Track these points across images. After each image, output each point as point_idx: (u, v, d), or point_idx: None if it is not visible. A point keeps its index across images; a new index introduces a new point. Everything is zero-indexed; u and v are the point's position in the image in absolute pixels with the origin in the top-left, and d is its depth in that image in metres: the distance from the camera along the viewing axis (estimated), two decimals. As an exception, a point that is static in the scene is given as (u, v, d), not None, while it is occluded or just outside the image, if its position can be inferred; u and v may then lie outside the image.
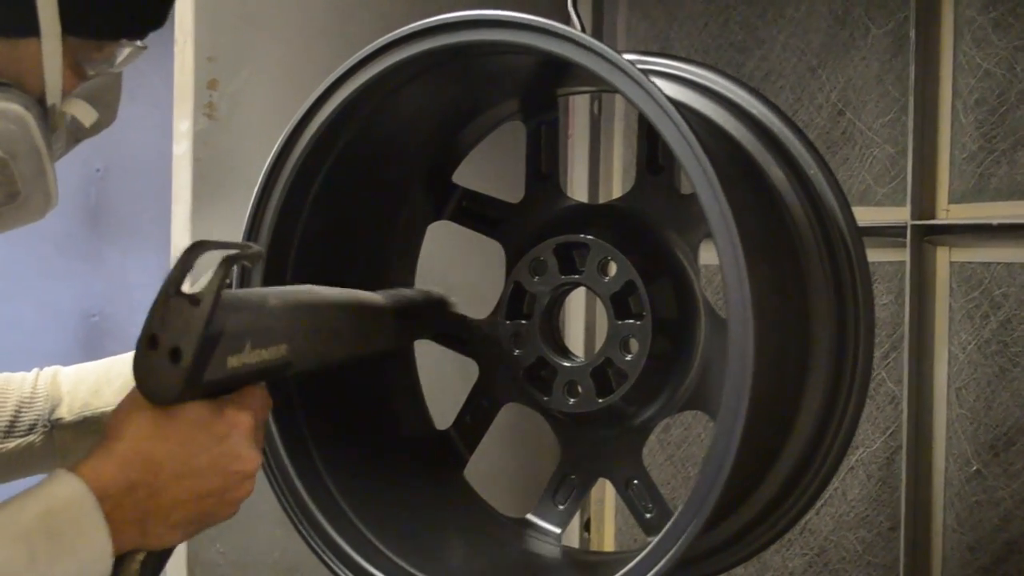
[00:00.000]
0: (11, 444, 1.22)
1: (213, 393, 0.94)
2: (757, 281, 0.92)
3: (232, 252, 0.90)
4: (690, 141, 0.93)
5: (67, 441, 1.25)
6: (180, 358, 0.89)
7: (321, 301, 1.04)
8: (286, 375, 1.00)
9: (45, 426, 1.24)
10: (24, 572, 0.85)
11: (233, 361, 0.92)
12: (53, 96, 1.04)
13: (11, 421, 1.23)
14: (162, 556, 0.96)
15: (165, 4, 1.10)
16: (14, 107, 0.99)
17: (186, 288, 0.89)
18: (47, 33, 0.99)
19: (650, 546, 0.96)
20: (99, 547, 0.89)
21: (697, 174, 0.93)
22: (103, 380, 1.26)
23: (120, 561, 0.92)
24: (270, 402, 1.01)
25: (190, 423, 0.92)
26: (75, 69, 1.05)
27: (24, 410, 1.24)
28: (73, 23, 1.01)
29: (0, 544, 0.85)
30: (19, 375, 1.26)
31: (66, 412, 1.24)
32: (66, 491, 0.89)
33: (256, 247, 0.99)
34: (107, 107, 1.11)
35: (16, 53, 1.00)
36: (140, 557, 0.94)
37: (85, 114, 1.07)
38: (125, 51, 1.09)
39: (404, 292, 1.16)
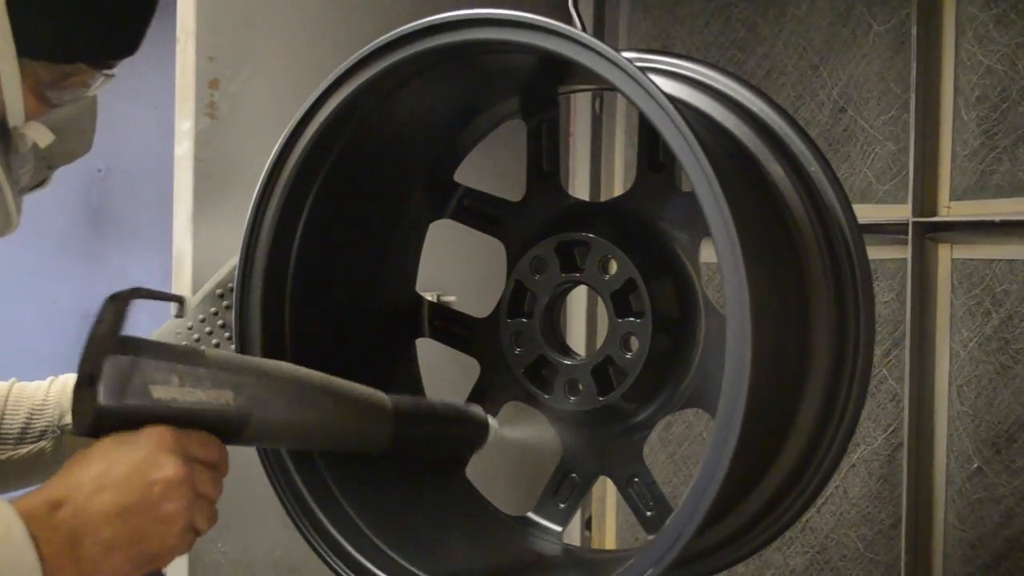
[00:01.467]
0: (23, 451, 1.24)
1: (141, 424, 0.94)
2: (755, 279, 0.91)
3: (141, 291, 0.94)
4: (688, 138, 0.93)
5: (76, 447, 1.25)
6: (95, 382, 0.91)
7: (289, 371, 1.01)
8: (248, 433, 0.98)
9: (55, 432, 1.24)
10: None
11: (159, 392, 0.92)
12: (14, 118, 1.03)
13: (23, 428, 1.24)
14: None
15: (128, 31, 1.08)
16: None
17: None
18: (0, 54, 0.99)
19: (648, 545, 0.96)
20: (26, 568, 0.87)
21: (695, 171, 0.93)
22: None
23: None
24: (217, 445, 0.97)
25: (110, 441, 0.92)
26: (38, 94, 1.05)
27: (35, 417, 1.25)
28: (27, 45, 1.00)
29: None
30: (34, 384, 1.28)
31: None
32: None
33: (176, 295, 1.03)
34: (81, 134, 1.11)
35: None
36: None
37: (42, 136, 1.06)
38: (98, 79, 1.09)
39: (423, 400, 1.12)
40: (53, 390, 1.27)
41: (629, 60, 0.98)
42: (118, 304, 0.92)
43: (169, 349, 0.95)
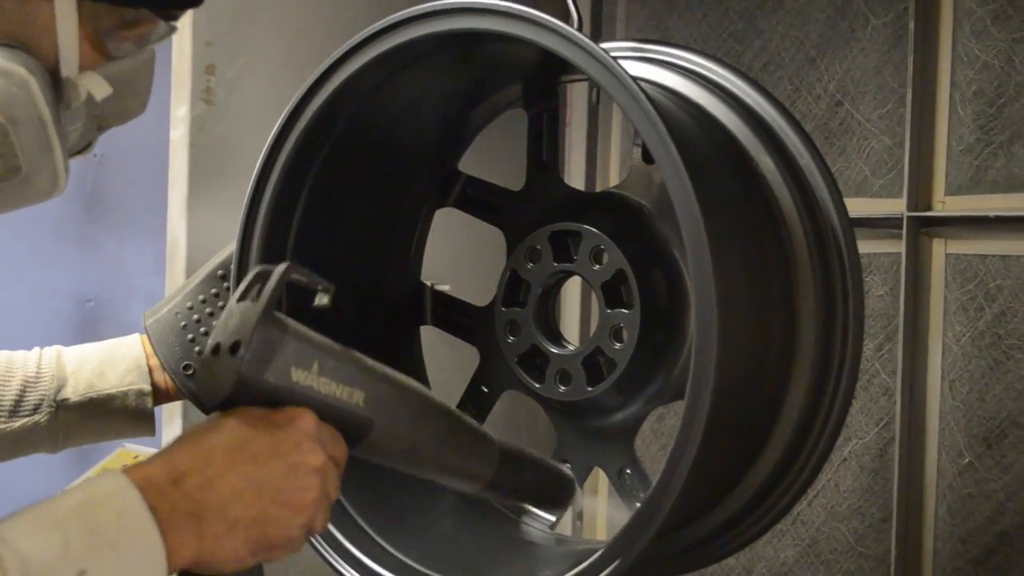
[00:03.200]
0: (16, 424, 1.22)
1: (275, 407, 0.88)
2: (725, 270, 0.91)
3: (295, 274, 0.89)
4: (652, 119, 0.92)
5: (71, 422, 1.25)
6: (238, 349, 0.85)
7: (414, 385, 0.97)
8: (366, 438, 0.93)
9: (51, 406, 1.23)
10: (57, 562, 0.77)
11: (298, 375, 0.87)
12: (68, 68, 0.95)
13: (16, 400, 1.22)
14: None
15: None
16: (17, 69, 0.91)
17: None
18: None
19: (613, 538, 0.97)
20: (147, 540, 0.81)
21: (662, 154, 0.93)
22: (107, 362, 1.26)
23: None
24: (344, 447, 0.91)
25: (248, 416, 0.86)
26: (95, 43, 0.97)
27: (29, 389, 1.23)
28: None
29: (31, 533, 0.78)
30: (20, 354, 1.26)
31: (71, 393, 1.24)
32: (108, 484, 0.82)
33: (327, 284, 0.92)
34: (136, 94, 1.03)
35: (26, 13, 0.92)
36: None
37: (98, 88, 0.97)
38: (160, 30, 1.01)
39: (527, 450, 1.07)
40: (46, 362, 1.25)
41: (585, 37, 0.98)
42: (273, 279, 0.87)
43: (312, 335, 0.89)
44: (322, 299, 0.91)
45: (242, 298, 0.88)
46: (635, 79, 0.95)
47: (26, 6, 0.92)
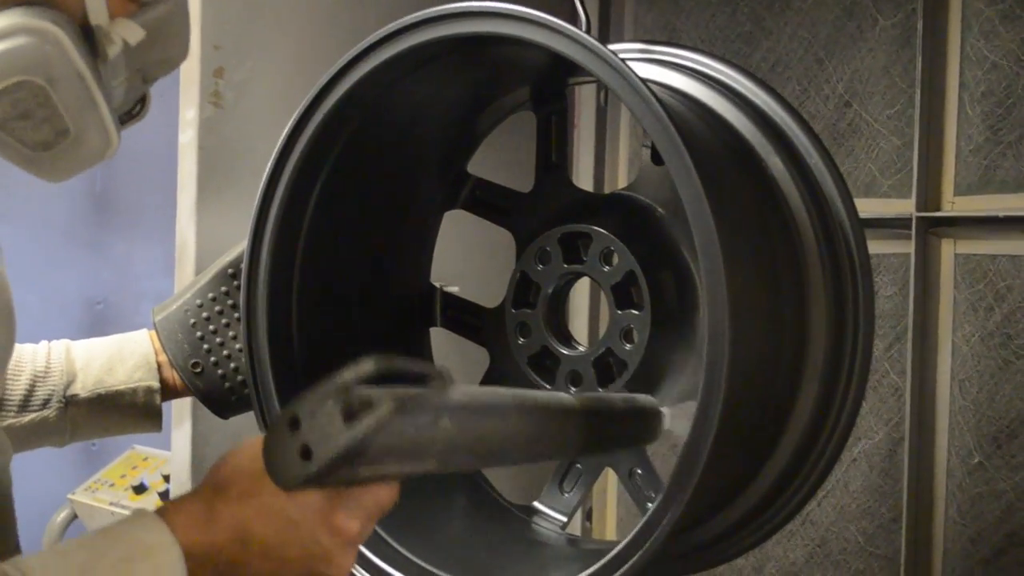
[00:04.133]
0: (26, 419, 1.22)
1: (336, 485, 0.86)
2: (737, 271, 0.91)
3: (410, 392, 0.81)
4: (659, 116, 0.92)
5: (80, 417, 1.25)
6: (311, 458, 0.80)
7: (498, 420, 0.91)
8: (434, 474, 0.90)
9: (60, 402, 1.23)
10: None
11: (366, 472, 0.83)
12: (97, 16, 0.91)
13: (25, 395, 1.23)
14: None
15: None
16: (45, 25, 0.87)
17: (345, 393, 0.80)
18: None
19: (630, 535, 0.97)
20: None
21: (670, 152, 0.93)
22: (116, 358, 1.27)
23: None
24: (395, 497, 0.91)
25: (298, 511, 0.86)
26: None
27: (39, 384, 1.23)
28: None
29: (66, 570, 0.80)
30: (28, 347, 1.25)
31: (80, 388, 1.24)
32: (151, 538, 0.84)
33: (446, 376, 0.84)
34: (174, 38, 0.99)
35: None
36: None
37: (132, 33, 0.93)
38: None
39: (604, 397, 1.04)
40: (55, 356, 1.25)
41: (596, 40, 0.98)
42: (375, 413, 0.79)
43: (402, 423, 0.81)
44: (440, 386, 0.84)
45: (340, 395, 0.80)
46: (646, 82, 0.95)
47: None
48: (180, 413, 1.52)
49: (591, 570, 0.98)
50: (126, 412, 1.26)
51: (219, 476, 0.88)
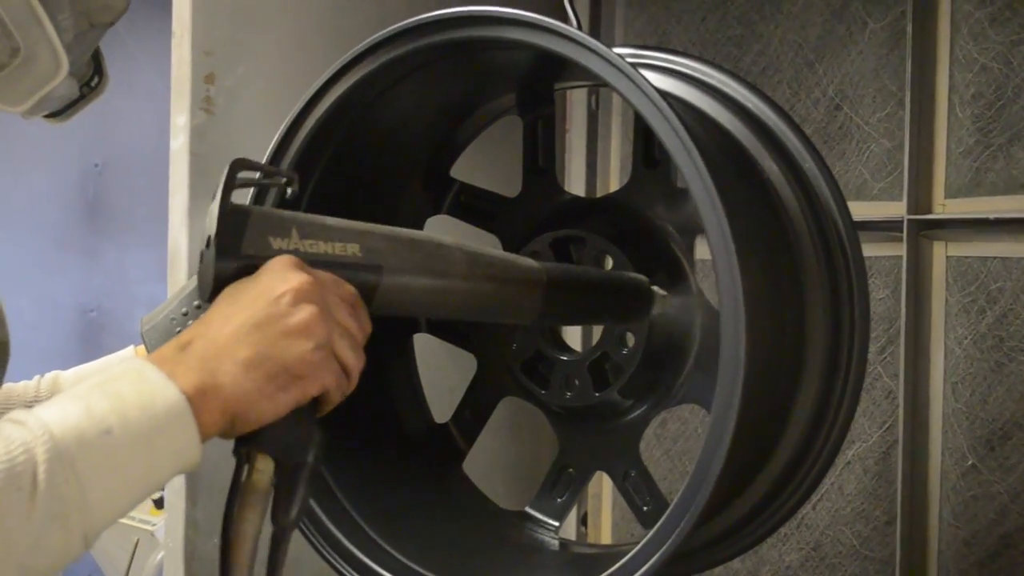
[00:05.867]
0: None
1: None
2: (749, 276, 0.92)
3: (245, 168, 0.93)
4: (681, 135, 0.93)
5: None
6: (210, 241, 0.91)
7: (419, 232, 0.99)
8: (383, 290, 0.95)
9: None
10: (80, 423, 0.79)
11: (278, 243, 0.91)
12: None
13: None
14: (295, 464, 0.90)
15: None
16: None
17: None
18: None
19: (646, 538, 0.97)
20: (169, 399, 0.83)
21: (689, 168, 0.93)
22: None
23: (240, 459, 0.89)
24: (347, 285, 0.93)
25: (236, 282, 0.91)
26: None
27: None
28: None
29: (51, 405, 0.81)
30: (20, 385, 1.28)
31: None
32: (122, 366, 0.86)
33: (287, 172, 1.00)
34: None
35: None
36: (264, 465, 0.89)
37: None
38: None
39: (578, 266, 1.05)
40: (44, 386, 1.26)
41: (622, 57, 0.98)
42: (227, 177, 0.92)
43: (283, 211, 0.94)
44: (292, 187, 0.97)
45: (213, 203, 0.92)
46: (663, 93, 0.96)
47: None
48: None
49: (611, 570, 0.98)
50: None
51: None
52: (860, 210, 1.66)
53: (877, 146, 1.69)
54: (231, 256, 0.91)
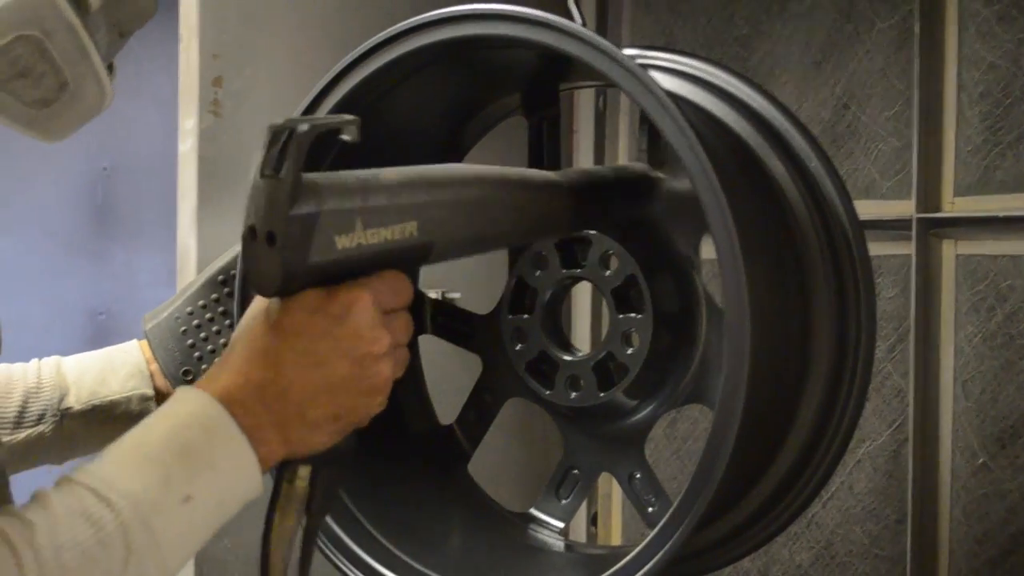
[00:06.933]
0: (21, 435, 1.22)
1: (331, 279, 0.88)
2: (754, 276, 0.92)
3: (318, 123, 0.85)
4: (688, 135, 0.93)
5: (77, 429, 1.25)
6: (275, 239, 0.83)
7: (458, 174, 0.94)
8: (431, 260, 0.93)
9: (55, 415, 1.23)
10: (161, 497, 0.82)
11: (344, 241, 0.85)
12: None
13: (19, 412, 1.22)
14: (331, 466, 0.91)
15: None
16: None
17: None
18: None
19: (647, 539, 0.97)
20: (240, 455, 0.85)
21: (695, 168, 0.93)
22: (107, 369, 1.27)
23: (283, 476, 0.89)
24: (407, 288, 0.93)
25: (303, 310, 0.87)
26: None
27: (31, 400, 1.23)
28: None
29: (130, 471, 0.82)
30: (18, 366, 1.26)
31: (74, 401, 1.24)
32: (189, 405, 0.86)
33: (349, 116, 0.89)
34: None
35: None
36: (304, 472, 0.89)
37: None
38: None
39: (590, 169, 1.05)
40: (46, 372, 1.25)
41: (630, 57, 0.98)
42: (293, 149, 0.83)
43: (346, 184, 0.86)
44: (350, 133, 0.87)
45: (264, 172, 0.84)
46: (670, 93, 0.96)
47: None
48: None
49: (612, 570, 0.98)
50: (121, 422, 1.26)
51: (230, 341, 0.91)
52: (869, 209, 1.66)
53: (885, 145, 1.68)
54: (300, 266, 0.84)
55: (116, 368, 1.27)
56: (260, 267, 0.85)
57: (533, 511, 1.24)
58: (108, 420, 1.26)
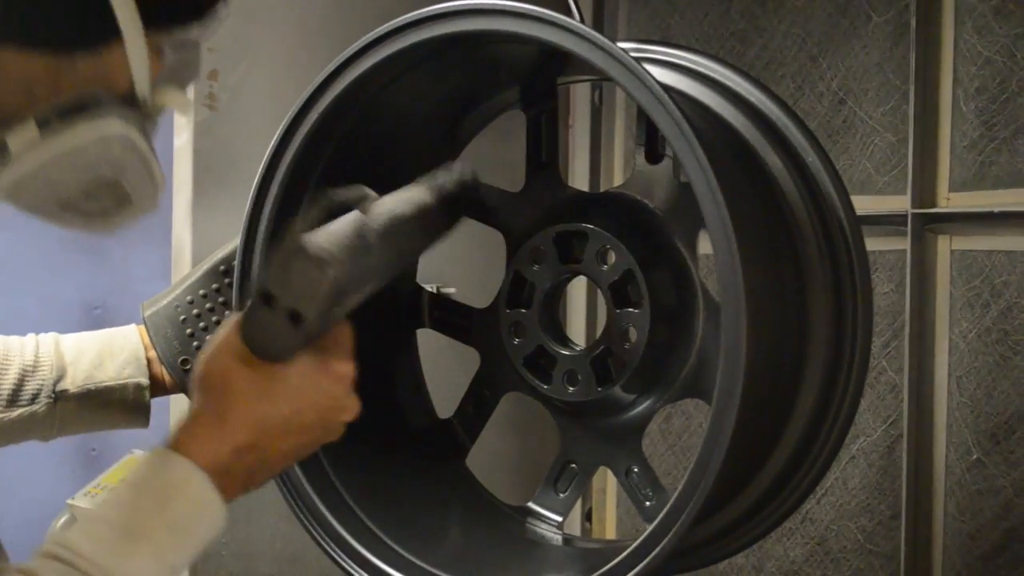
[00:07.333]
0: (14, 413, 1.21)
1: (316, 337, 0.93)
2: (751, 270, 0.92)
3: (348, 224, 0.91)
4: (683, 129, 0.93)
5: (69, 411, 1.24)
6: (300, 321, 0.87)
7: (399, 221, 1.00)
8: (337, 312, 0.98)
9: (49, 396, 1.22)
10: (156, 571, 0.87)
11: (338, 312, 0.92)
12: (142, 89, 0.92)
13: (14, 389, 1.22)
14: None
15: None
16: (115, 127, 0.88)
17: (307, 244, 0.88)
18: (129, 33, 0.87)
19: (646, 533, 0.97)
20: (216, 520, 0.91)
21: (691, 162, 0.93)
22: (106, 353, 1.26)
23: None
24: (351, 330, 0.99)
25: (299, 377, 0.93)
26: (156, 54, 0.93)
27: (27, 379, 1.22)
28: (153, 14, 0.89)
29: (127, 554, 0.86)
30: (15, 340, 1.25)
31: (70, 384, 1.24)
32: (179, 475, 0.90)
33: (369, 195, 0.97)
34: (191, 79, 1.02)
35: (102, 62, 0.88)
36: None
37: (181, 104, 0.96)
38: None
39: (437, 180, 1.08)
40: (44, 350, 1.25)
41: (625, 51, 0.98)
42: (308, 214, 0.90)
43: (351, 252, 0.91)
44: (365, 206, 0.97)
45: (302, 250, 0.87)
46: (665, 87, 0.96)
47: (100, 58, 0.88)
48: (179, 413, 1.52)
49: (610, 565, 0.98)
50: (115, 408, 1.26)
51: (210, 383, 0.93)
52: (864, 204, 1.66)
53: (881, 140, 1.68)
54: (307, 343, 0.91)
55: (115, 352, 1.26)
56: (269, 336, 0.89)
57: (531, 505, 1.24)
58: (101, 406, 1.25)
